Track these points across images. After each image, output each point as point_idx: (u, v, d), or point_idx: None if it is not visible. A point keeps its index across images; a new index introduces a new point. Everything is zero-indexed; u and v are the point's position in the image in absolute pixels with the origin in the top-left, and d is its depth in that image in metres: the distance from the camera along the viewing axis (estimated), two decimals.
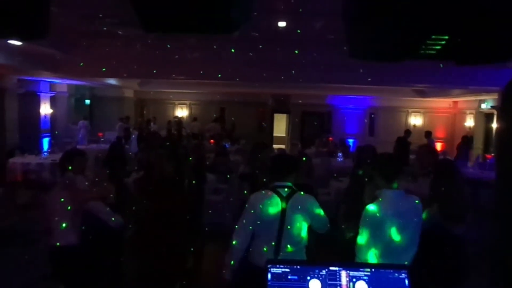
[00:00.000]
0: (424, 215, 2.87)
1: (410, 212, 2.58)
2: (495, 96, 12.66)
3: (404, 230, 2.51)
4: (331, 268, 1.65)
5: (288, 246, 2.71)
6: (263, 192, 2.85)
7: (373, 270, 1.66)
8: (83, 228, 3.21)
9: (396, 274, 1.64)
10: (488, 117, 14.32)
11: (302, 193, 2.84)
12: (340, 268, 1.65)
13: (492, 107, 13.16)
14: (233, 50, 8.78)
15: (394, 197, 2.57)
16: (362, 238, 2.53)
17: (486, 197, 8.21)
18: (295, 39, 8.37)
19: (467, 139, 15.00)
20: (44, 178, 8.75)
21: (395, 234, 2.49)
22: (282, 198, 2.74)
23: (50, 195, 3.34)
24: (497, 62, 1.41)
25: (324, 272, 1.63)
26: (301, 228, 2.78)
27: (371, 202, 2.61)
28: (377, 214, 2.50)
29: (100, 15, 6.84)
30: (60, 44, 8.64)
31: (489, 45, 1.36)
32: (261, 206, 2.75)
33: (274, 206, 2.74)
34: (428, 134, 13.03)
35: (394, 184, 2.61)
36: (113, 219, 3.25)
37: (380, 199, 2.57)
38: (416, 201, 2.66)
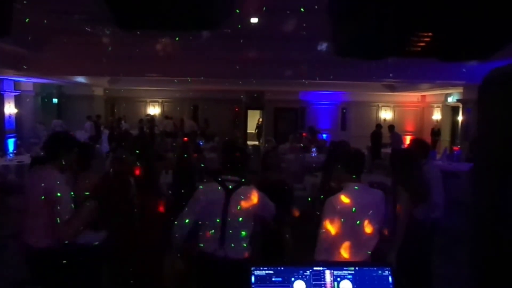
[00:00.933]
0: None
1: (372, 204, 2.68)
2: (460, 90, 13.16)
3: (369, 222, 2.62)
4: (315, 268, 1.65)
5: (232, 238, 2.80)
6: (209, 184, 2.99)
7: (357, 268, 1.67)
8: None
9: (380, 272, 1.67)
10: (454, 110, 14.86)
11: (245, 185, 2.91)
12: (324, 268, 1.66)
13: (458, 100, 13.67)
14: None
15: (358, 190, 2.67)
16: (331, 229, 2.58)
17: (454, 187, 8.53)
18: (267, 35, 8.39)
19: (435, 132, 15.56)
20: (10, 181, 8.41)
21: (362, 225, 2.59)
22: (227, 190, 2.84)
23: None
24: (481, 59, 1.45)
25: (308, 272, 1.64)
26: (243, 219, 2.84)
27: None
28: (346, 204, 2.59)
29: (68, 11, 6.62)
30: (25, 41, 8.30)
31: (473, 42, 1.38)
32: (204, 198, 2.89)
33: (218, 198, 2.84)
34: (391, 128, 13.26)
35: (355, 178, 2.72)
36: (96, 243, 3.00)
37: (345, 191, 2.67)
38: (379, 193, 2.79)
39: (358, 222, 2.59)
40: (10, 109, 12.93)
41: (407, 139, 15.59)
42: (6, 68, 9.82)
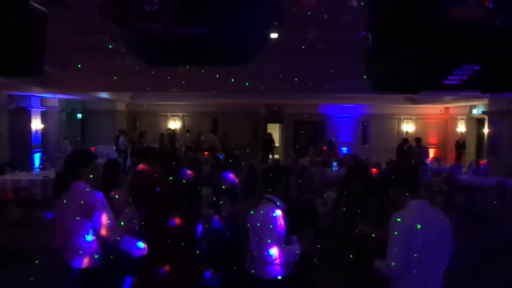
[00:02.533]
0: None
1: (438, 222, 2.55)
2: (485, 101, 12.80)
3: (436, 241, 2.49)
4: None
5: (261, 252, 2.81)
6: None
7: None
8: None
9: None
10: (479, 122, 14.45)
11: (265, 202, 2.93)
12: None
13: (483, 112, 13.30)
14: None
15: (421, 207, 2.55)
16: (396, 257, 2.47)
17: (481, 203, 8.23)
18: (286, 49, 8.39)
19: (460, 144, 15.14)
20: (35, 195, 8.61)
21: (429, 246, 2.45)
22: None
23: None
24: None
25: None
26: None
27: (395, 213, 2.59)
28: (409, 224, 2.46)
29: (91, 30, 6.81)
30: (51, 59, 8.57)
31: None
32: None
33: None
34: (418, 140, 13.02)
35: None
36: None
37: (405, 209, 2.56)
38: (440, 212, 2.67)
39: (426, 240, 2.46)
40: (36, 124, 13.32)
41: (431, 152, 15.26)
42: (33, 85, 10.14)
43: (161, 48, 1.36)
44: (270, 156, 16.20)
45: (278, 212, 2.82)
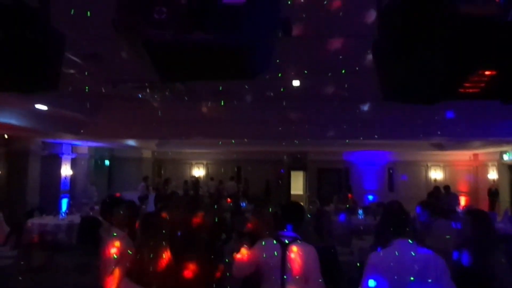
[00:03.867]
0: None
1: (420, 262, 2.49)
2: None
3: (415, 281, 2.42)
4: None
5: None
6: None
7: None
8: None
9: None
10: None
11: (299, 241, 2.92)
12: None
13: None
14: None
15: (401, 246, 2.53)
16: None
17: None
18: (309, 96, 8.53)
19: (493, 192, 14.51)
20: (60, 240, 8.68)
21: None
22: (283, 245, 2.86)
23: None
24: None
25: None
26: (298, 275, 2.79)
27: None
28: (381, 260, 2.49)
29: (121, 79, 7.16)
30: (82, 108, 9.00)
31: None
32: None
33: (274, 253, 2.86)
34: (447, 188, 12.57)
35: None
36: None
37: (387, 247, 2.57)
38: (431, 252, 2.59)
39: (411, 278, 2.42)
40: (66, 170, 13.74)
41: (462, 200, 14.66)
42: (66, 133, 10.59)
43: (171, 59, 1.42)
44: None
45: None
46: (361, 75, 6.03)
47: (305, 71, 6.41)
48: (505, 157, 14.32)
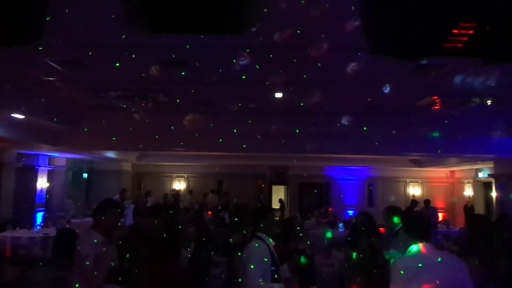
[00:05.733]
0: None
1: (445, 264, 2.48)
2: (491, 164, 12.77)
3: (442, 283, 2.40)
4: None
5: None
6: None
7: None
8: None
9: None
10: (486, 186, 14.29)
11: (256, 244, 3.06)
12: None
13: (489, 175, 13.21)
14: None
15: (428, 249, 2.52)
16: None
17: None
18: (292, 110, 8.62)
19: (468, 209, 14.83)
20: (34, 254, 8.40)
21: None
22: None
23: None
24: None
25: None
26: None
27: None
28: (407, 266, 2.45)
29: (103, 89, 7.08)
30: (61, 118, 8.84)
31: None
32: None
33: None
34: (427, 202, 12.87)
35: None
36: None
37: (409, 252, 2.55)
38: (450, 255, 2.62)
39: (437, 281, 2.39)
40: (42, 183, 13.36)
41: (439, 216, 14.91)
42: (43, 144, 10.33)
43: (161, 8, 1.39)
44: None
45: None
46: (342, 87, 6.15)
47: (288, 82, 6.49)
48: (480, 175, 14.71)
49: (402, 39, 1.40)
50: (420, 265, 2.42)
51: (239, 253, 3.13)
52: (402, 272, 2.43)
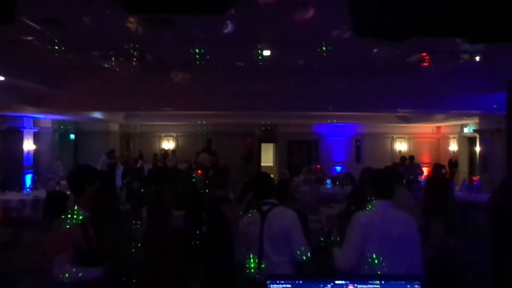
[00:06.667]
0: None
1: (401, 224, 2.64)
2: (476, 120, 12.97)
3: (396, 240, 2.57)
4: (336, 282, 1.53)
5: (270, 257, 2.82)
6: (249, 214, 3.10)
7: (383, 282, 1.52)
8: None
9: (409, 286, 1.53)
10: (471, 140, 14.60)
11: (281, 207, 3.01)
12: (347, 282, 1.53)
13: (474, 130, 13.46)
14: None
15: (382, 207, 2.66)
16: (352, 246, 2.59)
17: (475, 219, 8.22)
18: (279, 68, 8.50)
19: (453, 163, 15.24)
20: (26, 216, 8.46)
21: (386, 243, 2.55)
22: (261, 213, 2.93)
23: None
24: (507, 42, 1.34)
25: (329, 286, 1.52)
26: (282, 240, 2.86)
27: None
28: (368, 222, 2.60)
29: (86, 48, 6.85)
30: (44, 78, 8.59)
31: (502, 19, 1.28)
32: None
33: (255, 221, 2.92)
34: (411, 158, 13.18)
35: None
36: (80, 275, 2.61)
37: (370, 207, 2.70)
38: (407, 215, 2.74)
39: (384, 238, 2.55)
40: (28, 145, 13.20)
41: (424, 171, 15.31)
42: (27, 105, 10.10)
43: None
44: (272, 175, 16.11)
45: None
46: (331, 45, 6.05)
47: (276, 40, 6.35)
48: (465, 130, 14.97)
49: (386, 21, 1.35)
50: (377, 218, 2.59)
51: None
52: (360, 225, 2.60)
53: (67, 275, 2.55)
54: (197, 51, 6.45)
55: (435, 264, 3.09)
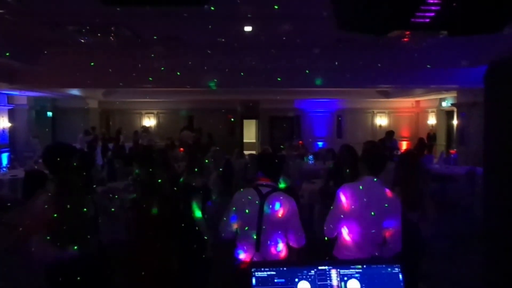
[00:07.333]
0: None
1: (382, 199, 2.75)
2: (454, 94, 13.22)
3: (375, 215, 2.70)
4: (320, 267, 1.57)
5: (268, 242, 2.81)
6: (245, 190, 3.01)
7: (364, 266, 1.59)
8: None
9: (389, 269, 1.59)
10: (449, 114, 14.91)
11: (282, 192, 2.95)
12: (330, 267, 1.58)
13: (452, 104, 13.73)
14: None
15: (368, 182, 2.76)
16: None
17: (452, 191, 8.52)
18: (261, 43, 8.40)
19: (431, 136, 15.59)
20: (3, 196, 8.29)
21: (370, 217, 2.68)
22: (261, 195, 2.85)
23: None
24: (491, 31, 1.40)
25: (313, 272, 1.56)
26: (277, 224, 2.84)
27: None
28: (351, 194, 2.75)
29: (61, 23, 6.59)
30: (18, 54, 8.26)
31: (484, 12, 1.33)
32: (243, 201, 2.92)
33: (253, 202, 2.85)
34: (391, 134, 13.30)
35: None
36: None
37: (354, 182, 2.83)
38: (388, 190, 2.84)
39: (372, 213, 2.66)
40: (3, 123, 12.83)
41: (403, 145, 15.63)
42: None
43: None
44: (254, 152, 16.20)
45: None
46: (313, 21, 5.99)
47: (257, 15, 6.25)
48: (444, 104, 15.26)
49: (369, 16, 1.36)
50: (360, 187, 2.72)
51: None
52: (343, 197, 2.74)
53: (43, 254, 2.55)
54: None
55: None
